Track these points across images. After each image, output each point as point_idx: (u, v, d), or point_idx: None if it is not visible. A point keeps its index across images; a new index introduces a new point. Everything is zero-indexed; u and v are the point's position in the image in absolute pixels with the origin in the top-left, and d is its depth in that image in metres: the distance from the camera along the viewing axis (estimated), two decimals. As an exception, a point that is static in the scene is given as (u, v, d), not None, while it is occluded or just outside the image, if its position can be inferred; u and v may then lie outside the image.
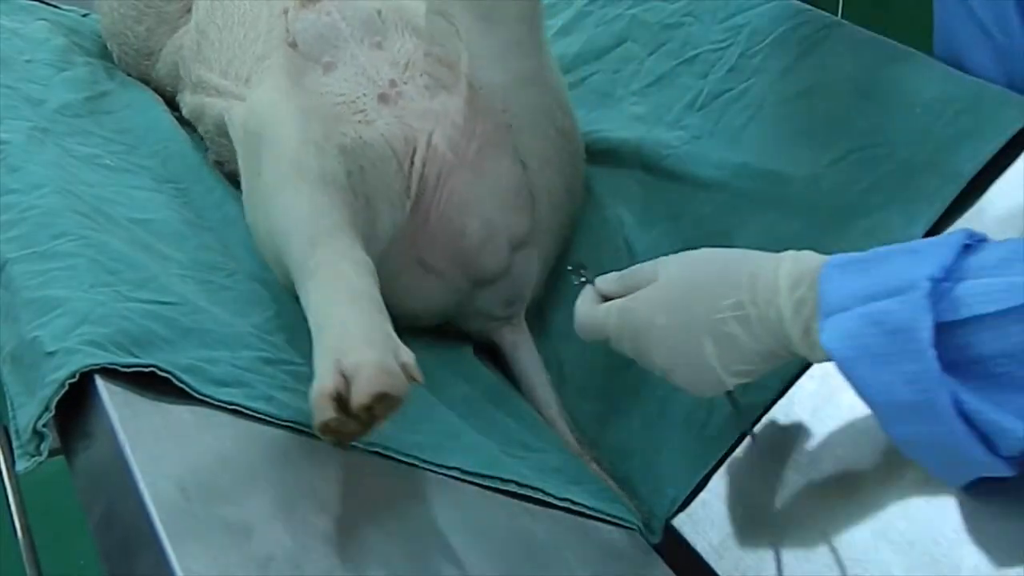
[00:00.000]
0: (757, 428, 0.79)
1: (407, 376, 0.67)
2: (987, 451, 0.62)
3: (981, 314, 0.61)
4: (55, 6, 1.35)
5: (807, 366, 0.77)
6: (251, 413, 0.68)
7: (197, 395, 0.67)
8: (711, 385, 0.73)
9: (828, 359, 0.67)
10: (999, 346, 0.61)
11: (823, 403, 0.74)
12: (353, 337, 0.68)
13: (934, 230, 0.78)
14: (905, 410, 0.63)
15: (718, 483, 0.78)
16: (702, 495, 0.79)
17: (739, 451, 0.79)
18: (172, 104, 1.17)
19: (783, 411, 0.77)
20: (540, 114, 0.94)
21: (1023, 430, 0.60)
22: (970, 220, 0.77)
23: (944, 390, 0.61)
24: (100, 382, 0.65)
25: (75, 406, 0.65)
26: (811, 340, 0.67)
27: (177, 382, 0.67)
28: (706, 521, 0.77)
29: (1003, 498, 0.65)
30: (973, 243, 0.65)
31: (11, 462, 0.66)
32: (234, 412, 0.68)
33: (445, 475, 0.73)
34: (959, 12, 0.88)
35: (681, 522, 0.79)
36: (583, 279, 0.81)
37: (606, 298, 0.79)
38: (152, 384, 0.67)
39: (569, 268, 0.84)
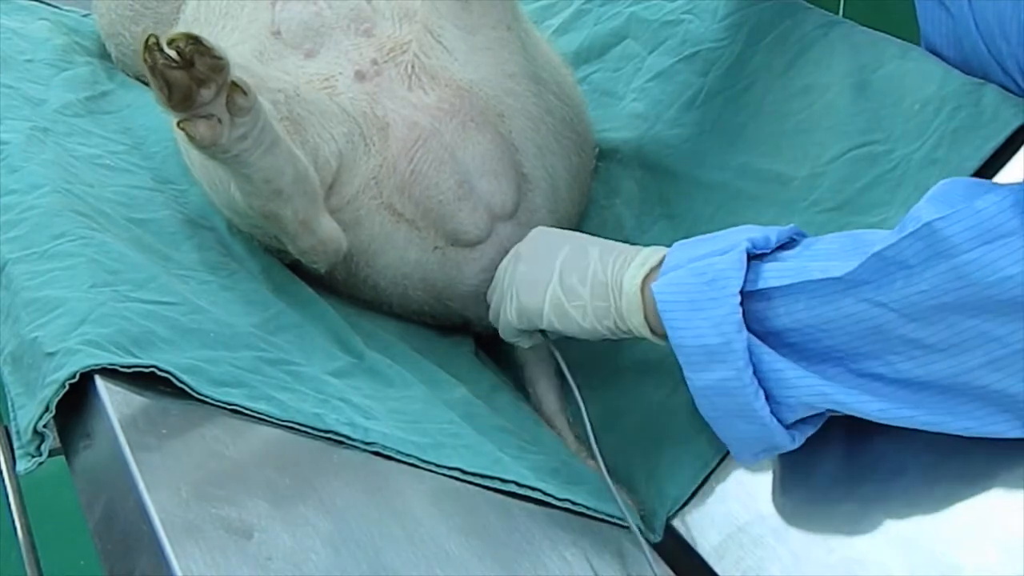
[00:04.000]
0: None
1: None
2: (767, 406, 0.69)
3: (774, 287, 0.68)
4: (55, 6, 1.35)
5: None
6: (251, 413, 0.68)
7: (197, 395, 0.67)
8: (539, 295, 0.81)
9: (647, 326, 0.75)
10: (789, 320, 0.68)
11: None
12: None
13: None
14: (708, 354, 0.69)
15: (718, 483, 0.78)
16: (702, 495, 0.79)
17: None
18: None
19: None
20: (532, 104, 0.94)
21: (803, 381, 0.68)
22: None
23: (741, 335, 0.68)
24: (100, 382, 0.65)
25: (75, 406, 0.65)
26: (645, 297, 0.75)
27: (177, 382, 0.67)
28: (706, 521, 0.77)
29: (1003, 498, 0.65)
30: (797, 238, 0.73)
31: (12, 462, 0.66)
32: (234, 412, 0.68)
33: (445, 475, 0.73)
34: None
35: (681, 522, 0.79)
36: None
37: None
38: (152, 384, 0.67)
39: None
